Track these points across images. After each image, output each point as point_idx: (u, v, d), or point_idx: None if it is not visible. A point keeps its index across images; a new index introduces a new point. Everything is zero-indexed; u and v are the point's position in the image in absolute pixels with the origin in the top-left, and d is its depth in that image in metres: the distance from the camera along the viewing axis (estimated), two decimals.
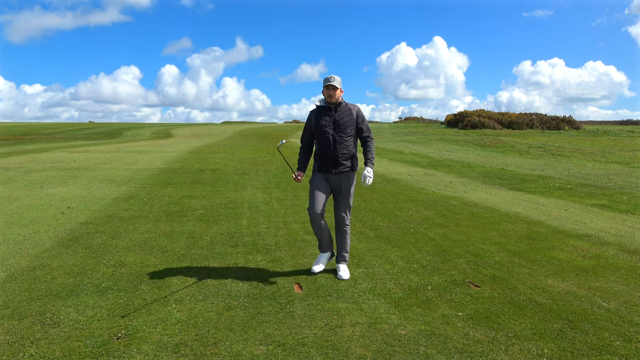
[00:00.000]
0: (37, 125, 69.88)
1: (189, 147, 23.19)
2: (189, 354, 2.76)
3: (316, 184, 4.07)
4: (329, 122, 3.99)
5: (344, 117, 4.01)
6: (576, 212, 7.56)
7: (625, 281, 4.13)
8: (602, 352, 2.83)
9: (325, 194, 4.07)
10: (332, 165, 4.01)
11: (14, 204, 7.46)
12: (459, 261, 4.65)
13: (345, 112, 4.02)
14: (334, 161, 4.00)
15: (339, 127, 3.98)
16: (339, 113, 4.01)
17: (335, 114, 4.00)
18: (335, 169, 4.02)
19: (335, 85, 3.90)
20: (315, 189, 4.05)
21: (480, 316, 3.33)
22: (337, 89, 3.94)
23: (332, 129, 3.98)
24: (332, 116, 4.00)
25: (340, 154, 3.98)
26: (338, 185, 4.09)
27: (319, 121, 4.02)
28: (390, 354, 2.79)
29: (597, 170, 15.20)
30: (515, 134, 36.97)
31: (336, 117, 4.00)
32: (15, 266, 4.31)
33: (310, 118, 4.12)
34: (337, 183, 4.08)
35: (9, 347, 2.81)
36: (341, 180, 4.07)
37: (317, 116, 4.05)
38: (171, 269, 4.31)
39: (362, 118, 4.09)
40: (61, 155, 17.25)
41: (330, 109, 4.02)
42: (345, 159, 4.02)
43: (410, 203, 8.11)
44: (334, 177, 4.07)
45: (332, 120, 3.99)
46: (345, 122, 4.00)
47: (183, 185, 9.91)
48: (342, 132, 3.98)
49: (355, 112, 4.05)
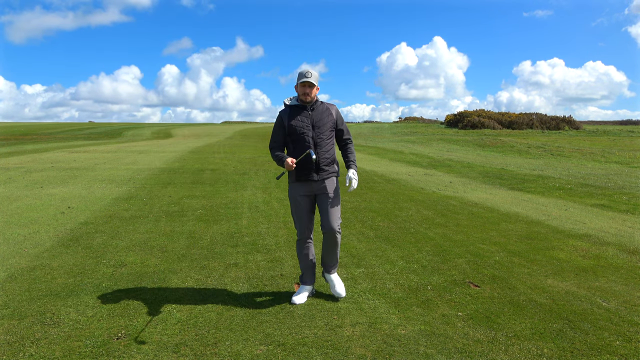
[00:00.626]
0: (37, 125, 69.87)
1: (189, 147, 23.19)
2: (189, 354, 2.76)
3: (298, 201, 3.58)
4: (307, 122, 3.52)
5: (323, 117, 3.57)
6: (576, 212, 7.56)
7: (625, 281, 4.13)
8: (602, 352, 2.83)
9: (312, 211, 3.63)
10: (314, 171, 3.52)
11: (14, 204, 7.46)
12: (459, 261, 4.66)
13: (323, 112, 3.59)
14: (316, 166, 3.51)
15: (318, 128, 3.53)
16: (317, 112, 3.57)
17: (312, 114, 3.55)
18: (317, 175, 3.53)
19: (312, 82, 3.45)
20: (299, 208, 3.58)
21: (480, 316, 3.33)
22: (314, 87, 3.50)
23: (311, 130, 3.51)
24: (309, 116, 3.54)
25: (322, 158, 3.53)
26: (323, 192, 3.57)
27: (293, 122, 3.52)
28: (390, 354, 2.79)
29: (597, 170, 15.20)
30: (515, 134, 36.97)
31: (314, 117, 3.55)
32: (15, 266, 4.32)
33: (281, 119, 3.58)
34: (321, 190, 3.57)
35: (9, 347, 2.81)
36: (325, 185, 3.58)
37: (290, 116, 3.54)
38: (171, 269, 4.31)
39: (342, 119, 3.71)
40: (61, 155, 17.25)
41: (306, 107, 3.55)
42: (327, 163, 3.58)
43: (410, 203, 8.11)
44: (316, 185, 3.56)
45: (310, 120, 3.53)
46: (325, 123, 3.56)
47: (183, 185, 9.91)
48: (322, 133, 3.54)
49: (334, 112, 3.64)
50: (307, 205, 3.59)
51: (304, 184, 3.55)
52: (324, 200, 3.56)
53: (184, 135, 41.33)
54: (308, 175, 3.52)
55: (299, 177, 3.53)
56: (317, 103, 3.60)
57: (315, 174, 3.52)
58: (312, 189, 3.56)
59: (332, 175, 3.61)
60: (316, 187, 3.57)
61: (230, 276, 4.12)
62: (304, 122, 3.52)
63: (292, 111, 3.56)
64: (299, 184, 3.56)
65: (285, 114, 3.58)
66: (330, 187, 3.59)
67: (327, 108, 3.62)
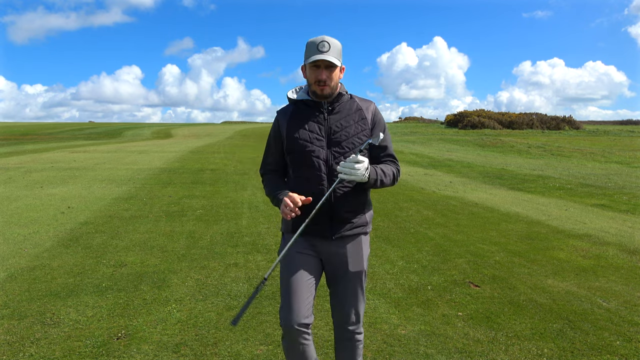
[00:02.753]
0: (37, 125, 69.87)
1: (189, 147, 23.18)
2: (189, 354, 2.76)
3: (293, 262, 2.07)
4: (319, 132, 2.06)
5: (349, 123, 2.08)
6: (576, 212, 7.55)
7: (625, 281, 4.13)
8: (602, 352, 2.83)
9: (312, 283, 2.08)
10: (327, 223, 2.05)
11: (14, 204, 7.46)
12: (459, 261, 4.65)
13: (350, 115, 2.09)
14: (331, 214, 2.05)
15: (337, 142, 2.05)
16: (339, 114, 2.08)
17: (330, 117, 2.07)
18: (332, 230, 2.06)
19: (330, 60, 1.97)
20: (292, 275, 2.05)
21: (480, 316, 3.33)
22: (336, 68, 2.02)
23: (326, 147, 2.05)
24: (324, 121, 2.07)
25: (342, 198, 2.05)
26: (339, 262, 2.11)
27: (298, 130, 2.07)
28: (390, 354, 2.79)
29: (597, 170, 15.19)
30: (515, 134, 36.97)
31: (333, 123, 2.07)
32: (15, 266, 4.31)
33: (278, 125, 2.15)
34: (337, 258, 2.10)
35: (9, 347, 2.81)
36: (345, 252, 2.10)
37: (292, 121, 2.11)
38: (171, 269, 4.31)
39: (384, 126, 2.16)
40: (61, 155, 17.25)
41: (321, 105, 2.08)
42: (351, 208, 2.08)
43: (410, 203, 8.11)
44: (329, 248, 2.09)
45: (326, 128, 2.06)
46: (352, 134, 2.07)
47: (183, 185, 9.91)
48: (342, 152, 2.05)
49: (370, 114, 2.13)
50: (308, 266, 2.08)
51: (308, 241, 2.10)
52: (341, 277, 2.12)
53: (184, 135, 41.32)
54: (314, 227, 2.04)
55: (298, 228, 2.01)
56: (341, 98, 2.11)
57: (329, 228, 2.06)
58: (322, 251, 2.10)
59: (358, 232, 2.12)
60: (327, 250, 2.10)
61: (230, 276, 4.12)
62: (313, 132, 2.06)
63: (296, 111, 2.12)
64: (301, 240, 2.09)
65: (285, 117, 2.13)
66: (355, 256, 2.11)
67: (357, 107, 2.12)
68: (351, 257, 2.11)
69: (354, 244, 2.12)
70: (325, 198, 1.96)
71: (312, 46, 2.00)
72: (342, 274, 2.12)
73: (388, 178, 2.07)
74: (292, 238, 1.97)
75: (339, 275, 2.13)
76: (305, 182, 2.05)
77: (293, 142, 2.07)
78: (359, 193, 2.09)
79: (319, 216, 2.01)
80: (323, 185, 2.03)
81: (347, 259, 2.11)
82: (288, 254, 2.07)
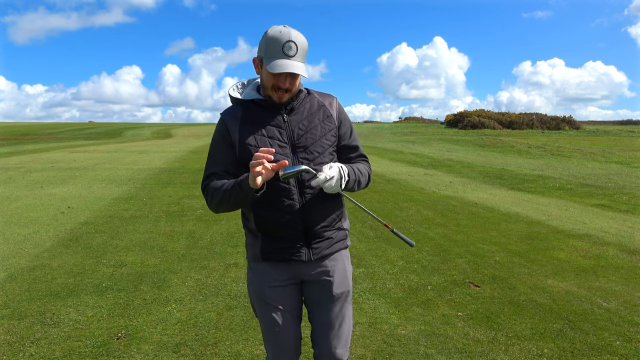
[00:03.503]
0: (37, 125, 69.88)
1: (189, 147, 23.18)
2: (189, 354, 2.76)
3: (268, 297, 1.79)
4: (280, 137, 1.72)
5: (314, 123, 1.77)
6: (576, 212, 7.55)
7: (625, 281, 4.13)
8: (602, 352, 2.83)
9: (295, 314, 1.83)
10: (302, 243, 1.75)
11: (14, 204, 7.46)
12: (459, 261, 4.65)
13: (314, 113, 1.79)
14: (305, 232, 1.74)
15: (304, 147, 1.73)
16: (300, 114, 1.77)
17: (291, 118, 1.75)
18: (309, 250, 1.76)
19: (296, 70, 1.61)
20: (270, 310, 1.79)
21: (480, 316, 3.33)
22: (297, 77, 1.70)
23: (291, 154, 1.72)
24: (284, 123, 1.74)
25: (316, 211, 1.74)
26: (321, 286, 1.82)
27: (254, 138, 1.71)
28: (390, 354, 2.79)
29: (597, 170, 15.19)
30: (515, 134, 36.97)
31: (295, 125, 1.74)
32: (15, 266, 4.31)
33: (227, 130, 1.74)
34: (318, 281, 1.82)
35: (9, 347, 2.81)
36: (327, 273, 1.82)
37: (244, 126, 1.73)
38: (171, 269, 4.31)
39: (348, 123, 1.87)
40: (61, 155, 17.25)
41: (279, 106, 1.74)
42: (325, 223, 1.78)
43: (410, 203, 8.11)
44: (306, 270, 1.79)
45: (288, 132, 1.73)
46: (318, 136, 1.76)
47: (183, 185, 9.91)
48: (315, 158, 1.73)
49: (334, 110, 1.83)
50: (289, 302, 1.81)
51: (281, 266, 1.78)
52: (325, 302, 1.83)
53: (184, 135, 41.32)
54: (289, 251, 1.74)
55: (268, 254, 1.75)
56: (299, 95, 1.79)
57: (305, 248, 1.75)
58: (297, 273, 1.80)
59: (338, 247, 1.85)
60: (306, 274, 1.81)
61: (230, 276, 4.12)
62: (273, 138, 1.71)
63: (247, 114, 1.75)
64: (270, 267, 1.78)
65: (235, 119, 1.75)
66: (339, 276, 1.84)
67: (319, 104, 1.81)
68: (335, 277, 1.82)
69: (336, 261, 1.83)
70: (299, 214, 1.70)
71: (276, 45, 1.61)
72: (325, 299, 1.81)
73: (364, 178, 1.82)
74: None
75: (322, 301, 1.81)
76: (272, 197, 1.68)
77: (249, 152, 1.66)
78: (333, 202, 1.79)
79: (290, 236, 1.72)
80: (294, 199, 1.70)
81: (331, 281, 1.81)
82: (261, 292, 1.78)
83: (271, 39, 1.62)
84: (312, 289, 1.83)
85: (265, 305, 1.79)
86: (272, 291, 1.77)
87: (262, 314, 1.81)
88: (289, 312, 1.79)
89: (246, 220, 1.82)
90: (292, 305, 1.81)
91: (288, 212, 1.70)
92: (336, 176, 1.63)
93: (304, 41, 1.65)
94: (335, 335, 1.82)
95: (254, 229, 1.77)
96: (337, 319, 1.83)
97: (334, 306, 1.82)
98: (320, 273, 1.80)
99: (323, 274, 1.81)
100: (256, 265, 1.81)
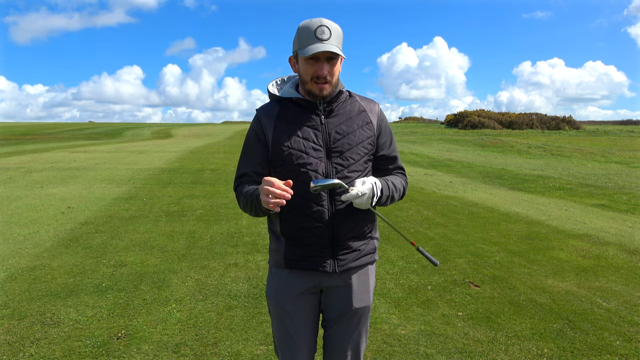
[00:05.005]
0: (37, 125, 69.89)
1: (189, 147, 23.18)
2: (189, 354, 2.76)
3: (287, 311, 1.73)
4: (316, 140, 1.64)
5: (352, 127, 1.69)
6: (576, 212, 7.55)
7: (625, 281, 4.13)
8: (602, 352, 2.83)
9: (312, 326, 1.79)
10: (327, 253, 1.67)
11: (14, 204, 7.46)
12: (459, 261, 4.65)
13: (352, 116, 1.70)
14: (332, 242, 1.66)
15: (340, 153, 1.65)
16: (339, 117, 1.68)
17: (329, 121, 1.67)
18: (334, 261, 1.68)
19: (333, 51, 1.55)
20: (290, 320, 1.74)
21: (480, 316, 3.33)
22: (338, 59, 1.61)
23: (325, 158, 1.64)
24: (321, 126, 1.66)
25: (346, 221, 1.66)
26: (341, 299, 1.75)
27: (288, 138, 1.64)
28: (390, 354, 2.79)
29: (597, 170, 15.19)
30: (515, 134, 36.97)
31: (332, 128, 1.67)
32: (15, 266, 4.32)
33: (262, 128, 1.68)
34: (340, 294, 1.74)
35: (9, 347, 2.81)
36: (350, 286, 1.74)
37: (280, 124, 1.67)
38: (171, 269, 4.31)
39: (389, 132, 1.79)
40: (61, 155, 17.24)
41: (316, 106, 1.67)
42: (355, 233, 1.70)
43: (410, 203, 8.11)
44: (329, 282, 1.72)
45: (324, 135, 1.65)
46: (355, 142, 1.67)
47: (183, 185, 9.91)
48: (350, 165, 1.66)
49: (375, 117, 1.74)
50: (307, 312, 1.76)
51: (303, 275, 1.71)
52: (343, 315, 1.76)
53: (184, 135, 41.32)
54: (313, 260, 1.67)
55: (292, 262, 1.69)
56: (340, 97, 1.71)
57: (331, 259, 1.68)
58: (319, 283, 1.73)
59: (366, 261, 1.76)
60: (328, 285, 1.73)
61: (230, 276, 4.12)
62: (308, 140, 1.64)
63: (284, 112, 1.69)
64: (292, 275, 1.72)
65: (270, 117, 1.69)
66: (361, 291, 1.76)
67: (360, 108, 1.73)
68: (357, 292, 1.73)
69: (361, 276, 1.74)
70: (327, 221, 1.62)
71: (308, 33, 1.56)
72: (344, 312, 1.74)
73: (398, 193, 1.72)
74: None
75: (340, 314, 1.75)
76: (301, 201, 1.61)
77: (282, 152, 1.63)
78: (365, 213, 1.69)
79: (316, 245, 1.64)
80: (323, 206, 1.62)
81: (352, 295, 1.73)
82: (281, 304, 1.73)
83: (303, 29, 1.59)
84: (331, 299, 1.76)
85: (284, 314, 1.74)
86: (292, 300, 1.72)
87: (279, 322, 1.77)
88: (306, 323, 1.75)
89: (271, 222, 1.76)
90: (310, 316, 1.76)
91: (316, 218, 1.62)
92: (368, 193, 1.56)
93: (337, 27, 1.60)
94: (350, 351, 1.79)
95: (278, 232, 1.71)
96: (353, 334, 1.77)
97: (352, 320, 1.76)
98: (342, 286, 1.73)
99: (345, 286, 1.73)
100: (278, 272, 1.75)
